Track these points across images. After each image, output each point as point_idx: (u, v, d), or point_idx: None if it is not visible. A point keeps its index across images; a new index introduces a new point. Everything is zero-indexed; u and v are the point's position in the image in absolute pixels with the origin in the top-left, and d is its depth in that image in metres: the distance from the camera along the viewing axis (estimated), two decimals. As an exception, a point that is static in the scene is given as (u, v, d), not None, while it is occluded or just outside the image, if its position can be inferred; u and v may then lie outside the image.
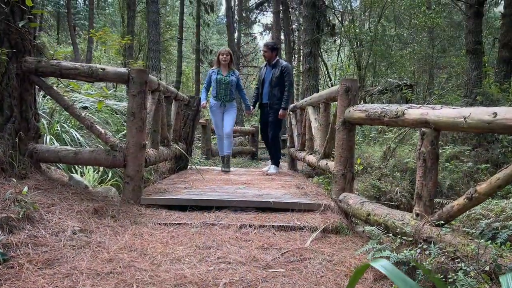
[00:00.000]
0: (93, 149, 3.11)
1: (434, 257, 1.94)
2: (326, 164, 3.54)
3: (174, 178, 4.53)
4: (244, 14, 24.20)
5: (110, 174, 3.83)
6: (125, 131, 3.86)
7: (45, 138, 3.99)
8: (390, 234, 2.53)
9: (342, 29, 16.82)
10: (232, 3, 21.26)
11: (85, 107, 4.88)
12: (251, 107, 5.68)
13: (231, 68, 5.49)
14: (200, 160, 8.73)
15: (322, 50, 18.24)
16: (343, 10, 17.51)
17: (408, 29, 18.01)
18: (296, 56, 23.84)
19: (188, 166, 5.74)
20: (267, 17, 22.46)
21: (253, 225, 2.85)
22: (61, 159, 3.07)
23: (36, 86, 3.09)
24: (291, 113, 5.99)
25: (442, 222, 2.17)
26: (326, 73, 17.47)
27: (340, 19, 17.13)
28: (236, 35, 20.88)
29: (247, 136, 12.03)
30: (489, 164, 8.00)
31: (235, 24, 21.10)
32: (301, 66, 17.61)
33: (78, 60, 19.57)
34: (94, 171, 3.73)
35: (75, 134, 4.09)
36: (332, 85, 16.44)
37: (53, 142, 3.92)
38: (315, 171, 5.85)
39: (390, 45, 15.19)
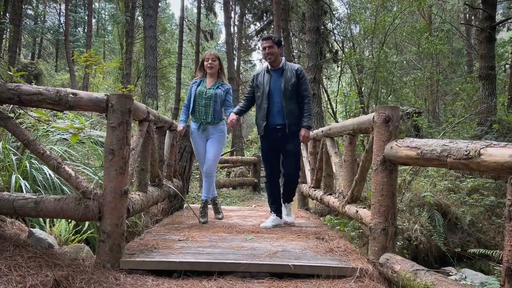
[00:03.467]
0: (60, 196, 2.41)
1: None
2: (357, 212, 2.83)
3: (167, 223, 3.79)
4: (243, 42, 24.08)
5: (86, 224, 3.10)
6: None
7: (13, 178, 3.31)
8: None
9: (343, 55, 16.51)
10: (232, 30, 21.10)
11: (65, 139, 4.21)
12: (234, 115, 3.86)
13: (220, 79, 4.04)
14: (198, 193, 7.99)
15: (324, 76, 17.87)
16: (344, 36, 17.26)
17: (410, 55, 17.78)
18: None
19: (184, 205, 5.02)
20: (267, 44, 22.22)
21: (269, 300, 2.12)
22: (17, 210, 2.36)
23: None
24: (301, 143, 5.16)
25: None
26: (327, 99, 17.02)
27: (341, 45, 16.87)
28: (235, 62, 20.60)
29: (247, 166, 11.36)
30: None
31: (234, 51, 20.86)
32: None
33: (75, 87, 19.11)
34: (66, 220, 3.01)
35: (47, 172, 3.39)
36: (334, 112, 15.96)
37: (20, 183, 3.22)
38: (330, 210, 5.14)
39: (393, 72, 14.87)
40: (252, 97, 3.92)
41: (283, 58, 3.83)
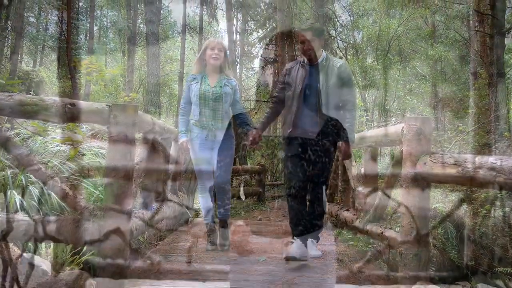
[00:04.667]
0: (56, 218, 2.18)
1: None
2: (382, 233, 2.59)
3: (172, 241, 3.56)
4: (246, 49, 23.95)
5: (85, 244, 2.85)
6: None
7: (8, 193, 3.08)
8: None
9: (347, 62, 16.35)
10: (234, 37, 20.96)
11: (64, 150, 3.98)
12: (256, 131, 3.11)
13: (225, 74, 3.27)
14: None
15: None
16: (347, 43, 17.13)
17: (414, 62, 17.63)
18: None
19: (190, 219, 4.77)
20: (270, 50, 22.14)
21: None
22: (9, 234, 2.12)
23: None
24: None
25: None
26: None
27: (344, 52, 16.73)
28: (238, 69, 20.46)
29: (251, 175, 11.09)
30: (526, 207, 7.10)
31: (237, 58, 20.71)
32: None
33: (76, 95, 18.90)
34: (64, 241, 2.76)
35: (43, 187, 3.15)
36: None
37: (15, 200, 2.99)
38: (340, 223, 4.89)
39: (397, 78, 14.73)
40: (282, 98, 3.11)
41: (324, 51, 3.03)
